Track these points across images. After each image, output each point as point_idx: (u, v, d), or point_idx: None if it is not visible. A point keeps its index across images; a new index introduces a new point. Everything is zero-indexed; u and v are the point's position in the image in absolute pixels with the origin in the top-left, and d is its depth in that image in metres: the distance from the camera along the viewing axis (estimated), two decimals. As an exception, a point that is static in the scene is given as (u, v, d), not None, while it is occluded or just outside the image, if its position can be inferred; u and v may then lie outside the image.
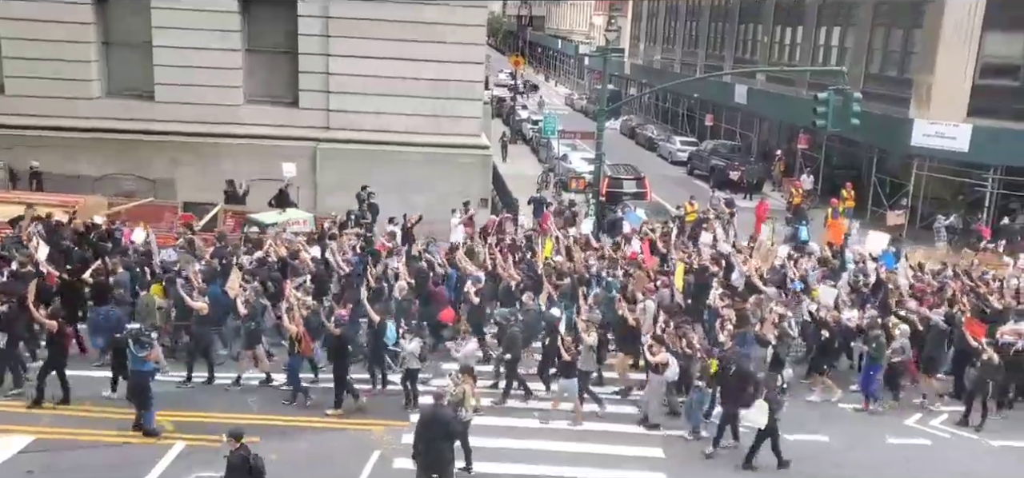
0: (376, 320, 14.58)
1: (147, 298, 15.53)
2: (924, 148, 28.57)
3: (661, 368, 13.82)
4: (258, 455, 10.27)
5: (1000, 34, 28.04)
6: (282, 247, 17.86)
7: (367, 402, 14.39)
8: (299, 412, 14.12)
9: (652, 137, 49.68)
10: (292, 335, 14.09)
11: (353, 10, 24.07)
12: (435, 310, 16.35)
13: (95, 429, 13.13)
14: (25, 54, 23.82)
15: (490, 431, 13.84)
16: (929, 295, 17.64)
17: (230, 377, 15.17)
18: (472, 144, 25.52)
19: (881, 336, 15.16)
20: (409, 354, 14.12)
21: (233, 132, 24.57)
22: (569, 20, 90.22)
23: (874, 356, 15.15)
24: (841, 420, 15.11)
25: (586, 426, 14.22)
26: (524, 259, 19.10)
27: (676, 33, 56.19)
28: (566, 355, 13.92)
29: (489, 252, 18.60)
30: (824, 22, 37.23)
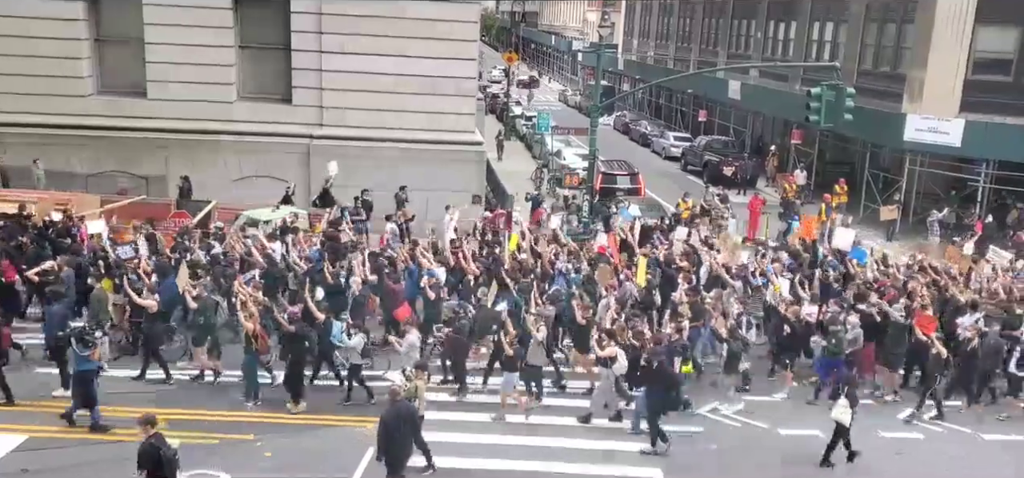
0: (321, 318, 14.46)
1: (99, 293, 15.30)
2: (917, 143, 28.66)
3: (609, 362, 13.83)
4: (170, 445, 10.01)
5: (992, 29, 28.17)
6: (239, 244, 17.66)
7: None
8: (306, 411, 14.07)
9: (646, 133, 49.75)
10: (248, 332, 13.91)
11: (346, 7, 23.99)
12: (391, 306, 16.24)
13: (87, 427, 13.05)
14: (16, 51, 23.64)
15: (486, 428, 13.88)
16: (891, 289, 17.64)
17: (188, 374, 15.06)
18: (466, 141, 25.49)
19: (841, 330, 15.23)
20: (352, 350, 14.13)
21: (226, 129, 24.49)
22: (562, 16, 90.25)
23: (833, 350, 15.21)
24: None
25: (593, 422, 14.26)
26: (488, 253, 19.05)
27: (669, 29, 56.25)
28: (508, 349, 13.95)
29: (450, 247, 18.56)
30: (817, 18, 37.33)
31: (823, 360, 15.52)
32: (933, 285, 18.24)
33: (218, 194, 23.28)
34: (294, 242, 18.55)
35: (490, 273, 17.32)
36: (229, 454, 12.57)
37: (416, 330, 14.66)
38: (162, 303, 15.03)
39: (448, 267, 17.89)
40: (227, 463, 12.29)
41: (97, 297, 15.27)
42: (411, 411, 11.51)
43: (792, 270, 18.89)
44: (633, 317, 15.26)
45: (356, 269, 16.83)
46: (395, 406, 11.29)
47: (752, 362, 16.05)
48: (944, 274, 19.12)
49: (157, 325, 14.99)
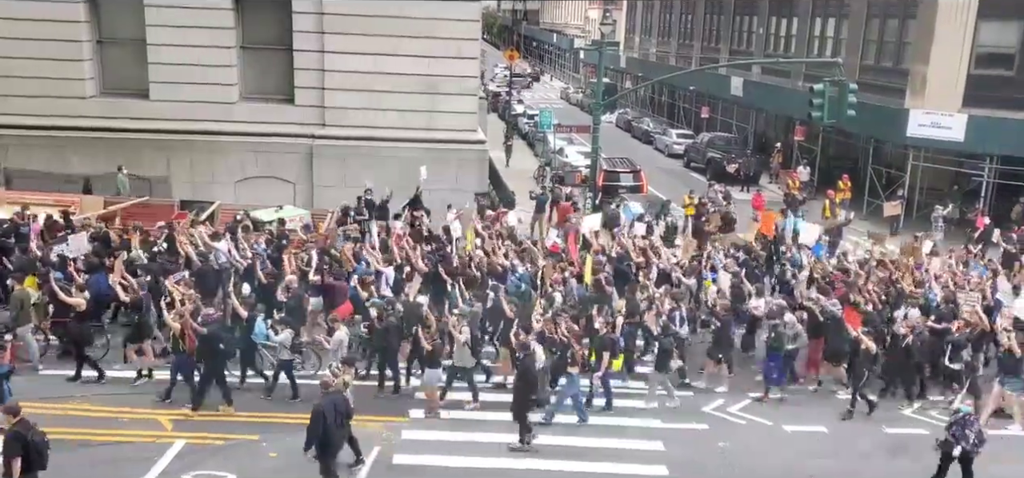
0: (243, 314, 14.36)
1: (20, 292, 14.81)
2: (920, 138, 28.60)
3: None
4: (38, 430, 9.90)
5: (994, 23, 28.09)
6: (187, 242, 17.44)
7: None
8: (301, 409, 14.01)
9: (648, 130, 49.69)
10: (174, 331, 13.71)
11: (348, 6, 23.97)
12: (334, 303, 16.12)
13: (89, 428, 13.06)
14: (18, 53, 23.63)
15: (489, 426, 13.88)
16: (839, 285, 17.59)
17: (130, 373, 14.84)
18: (468, 139, 25.47)
19: (780, 325, 15.23)
20: (280, 345, 14.06)
21: (228, 129, 24.46)
22: (564, 14, 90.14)
23: (774, 345, 15.22)
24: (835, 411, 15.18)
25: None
26: (435, 251, 19.01)
27: (671, 26, 56.18)
28: (426, 345, 13.93)
29: (397, 243, 18.50)
30: (818, 13, 37.26)
31: (767, 356, 15.52)
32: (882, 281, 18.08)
33: (220, 195, 23.29)
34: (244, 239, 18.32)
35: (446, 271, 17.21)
36: (234, 454, 12.56)
37: (344, 327, 14.49)
38: (90, 301, 14.72)
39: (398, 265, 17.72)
40: (232, 463, 12.28)
41: (17, 297, 14.73)
42: (344, 401, 11.58)
43: (744, 266, 18.86)
44: (562, 313, 15.21)
45: (287, 266, 16.67)
46: (329, 396, 11.31)
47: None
48: (901, 268, 19.05)
49: (86, 325, 14.70)
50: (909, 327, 15.22)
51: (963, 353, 14.88)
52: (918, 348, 15.17)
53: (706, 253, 19.94)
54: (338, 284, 16.40)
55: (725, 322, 15.95)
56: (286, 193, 24.22)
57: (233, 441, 12.93)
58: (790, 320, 15.45)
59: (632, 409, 14.87)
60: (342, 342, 14.07)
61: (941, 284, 18.39)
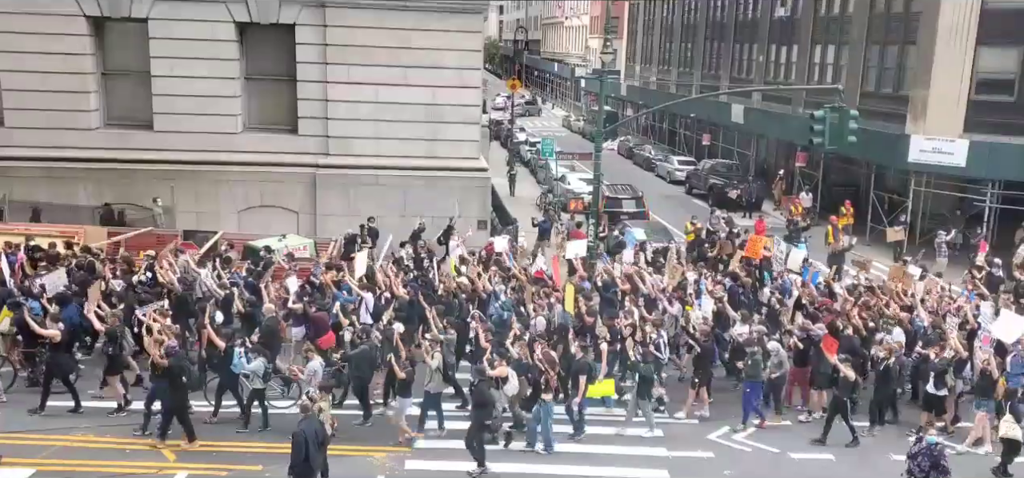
0: (220, 345, 14.28)
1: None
2: (921, 164, 28.64)
3: (500, 382, 13.70)
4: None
5: (993, 49, 28.19)
6: (168, 271, 17.41)
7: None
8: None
9: (650, 157, 49.85)
10: (154, 360, 13.61)
11: (351, 37, 24.19)
12: (317, 333, 16.04)
13: (96, 459, 13.01)
14: (24, 86, 23.85)
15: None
16: (825, 312, 17.54)
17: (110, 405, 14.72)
18: (470, 167, 25.57)
19: (757, 353, 15.16)
20: (252, 374, 13.97)
21: (232, 160, 24.57)
22: (565, 43, 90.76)
23: (750, 373, 15.13)
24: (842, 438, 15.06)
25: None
26: (417, 277, 19.00)
27: (671, 54, 56.58)
28: (400, 373, 13.87)
29: (381, 271, 18.46)
30: (818, 40, 37.49)
31: (745, 383, 15.43)
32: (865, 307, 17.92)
33: (225, 225, 23.35)
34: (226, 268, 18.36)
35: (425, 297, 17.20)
36: (237, 485, 12.50)
37: (318, 357, 14.40)
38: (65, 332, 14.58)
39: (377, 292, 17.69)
40: (235, 495, 12.23)
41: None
42: (322, 427, 11.56)
43: (732, 292, 18.84)
44: (538, 339, 15.20)
45: (265, 295, 16.63)
46: (307, 421, 11.27)
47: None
48: (891, 294, 18.98)
49: (62, 355, 14.58)
50: (888, 350, 15.08)
51: (946, 378, 14.76)
52: (897, 373, 15.01)
53: (694, 279, 19.96)
54: (319, 314, 16.32)
55: (705, 348, 15.89)
56: (290, 222, 24.29)
57: (236, 472, 12.87)
58: (774, 348, 15.38)
59: (637, 437, 14.79)
60: (315, 372, 13.93)
61: (927, 309, 18.28)
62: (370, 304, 17.00)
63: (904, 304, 18.29)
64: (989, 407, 14.31)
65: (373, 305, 17.07)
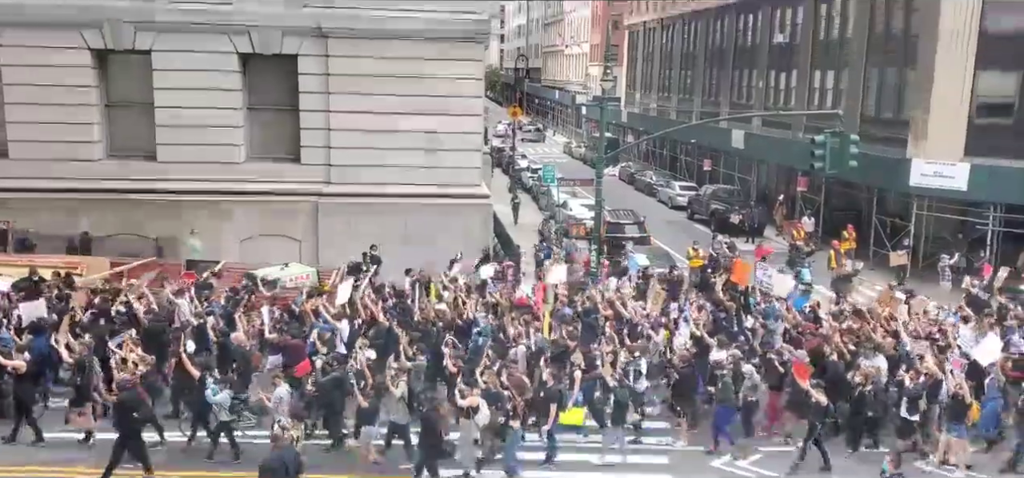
0: (195, 374, 14.13)
1: None
2: (923, 188, 28.67)
3: (471, 412, 13.53)
4: None
5: (993, 73, 28.33)
6: (135, 301, 17.23)
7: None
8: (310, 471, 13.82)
9: (651, 183, 49.97)
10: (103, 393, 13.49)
11: (353, 66, 24.35)
12: (292, 362, 15.80)
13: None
14: (28, 118, 23.99)
15: None
16: (809, 336, 17.43)
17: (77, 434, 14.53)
18: (473, 194, 25.62)
19: (727, 376, 15.10)
20: (218, 406, 13.78)
21: (235, 189, 24.64)
22: (565, 71, 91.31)
23: (721, 398, 15.07)
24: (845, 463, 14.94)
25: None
26: (396, 304, 18.91)
27: (671, 81, 56.89)
28: (362, 401, 13.73)
29: (361, 298, 18.33)
30: (818, 66, 37.68)
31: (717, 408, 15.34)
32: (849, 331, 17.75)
33: (227, 254, 23.36)
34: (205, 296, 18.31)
35: (401, 324, 17.12)
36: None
37: (285, 384, 14.21)
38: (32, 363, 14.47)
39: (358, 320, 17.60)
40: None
41: None
42: (295, 456, 11.43)
43: (715, 318, 18.81)
44: (510, 365, 15.10)
45: (239, 324, 16.54)
46: (279, 451, 11.12)
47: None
48: (877, 318, 18.82)
49: (26, 386, 14.39)
50: (863, 375, 14.93)
51: (920, 403, 14.61)
52: (874, 399, 14.86)
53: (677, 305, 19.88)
54: (294, 343, 16.17)
55: (684, 374, 15.81)
56: (292, 251, 24.29)
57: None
58: (748, 371, 15.31)
59: (643, 465, 14.67)
60: (282, 399, 13.76)
61: (911, 333, 18.10)
62: (345, 333, 16.80)
63: (889, 329, 18.18)
64: (960, 432, 14.21)
65: (348, 333, 16.88)
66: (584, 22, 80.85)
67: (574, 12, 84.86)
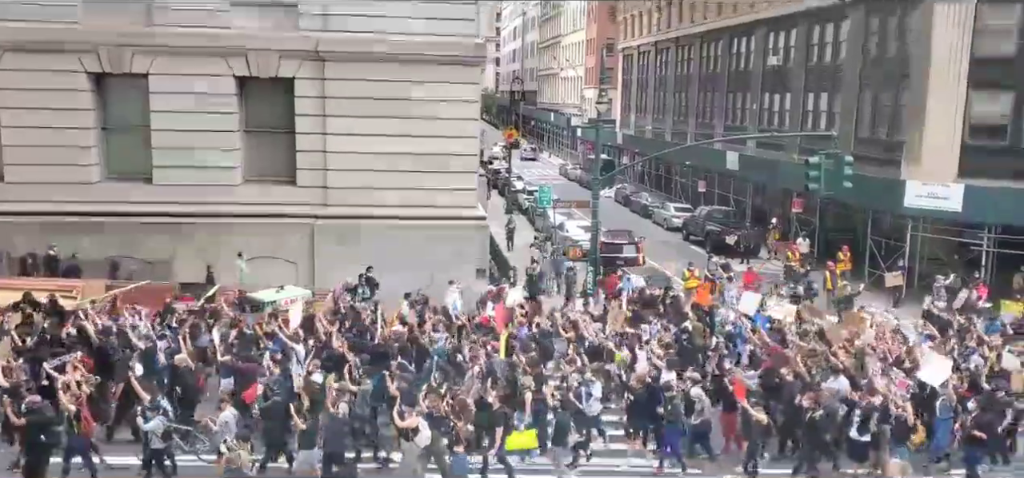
0: (145, 397, 13.97)
1: None
2: (917, 209, 28.77)
3: (411, 433, 13.42)
4: None
5: (985, 93, 28.54)
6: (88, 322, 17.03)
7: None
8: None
9: (646, 204, 50.06)
10: (68, 414, 13.28)
11: (349, 89, 24.45)
12: (243, 385, 15.68)
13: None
14: (25, 141, 24.01)
15: None
16: (767, 357, 17.45)
17: None
18: (469, 215, 25.65)
19: (677, 398, 15.14)
20: (151, 433, 13.46)
21: (231, 211, 24.66)
22: (561, 93, 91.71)
23: (669, 419, 15.06)
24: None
25: None
26: (352, 327, 18.83)
27: (665, 103, 57.17)
28: (299, 423, 13.55)
29: (319, 320, 18.28)
30: (811, 88, 37.92)
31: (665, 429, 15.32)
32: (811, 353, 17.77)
33: (224, 276, 23.33)
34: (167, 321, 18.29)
35: (354, 347, 17.06)
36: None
37: (230, 408, 14.07)
38: None
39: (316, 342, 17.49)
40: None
41: None
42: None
43: (680, 340, 18.87)
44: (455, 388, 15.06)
45: (183, 346, 16.42)
46: (236, 473, 10.94)
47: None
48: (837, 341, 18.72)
49: None
50: (812, 399, 14.83)
51: (870, 424, 14.55)
52: (823, 421, 14.73)
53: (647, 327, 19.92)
54: (247, 366, 16.05)
55: (638, 396, 15.82)
56: (289, 273, 24.28)
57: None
58: (697, 394, 15.30)
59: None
60: (227, 422, 13.65)
61: (879, 354, 18.01)
62: (301, 355, 16.69)
63: (850, 350, 18.13)
64: (902, 453, 14.16)
65: (305, 356, 16.75)
66: (579, 46, 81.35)
67: (569, 36, 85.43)
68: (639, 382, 15.92)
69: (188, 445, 14.70)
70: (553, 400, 14.94)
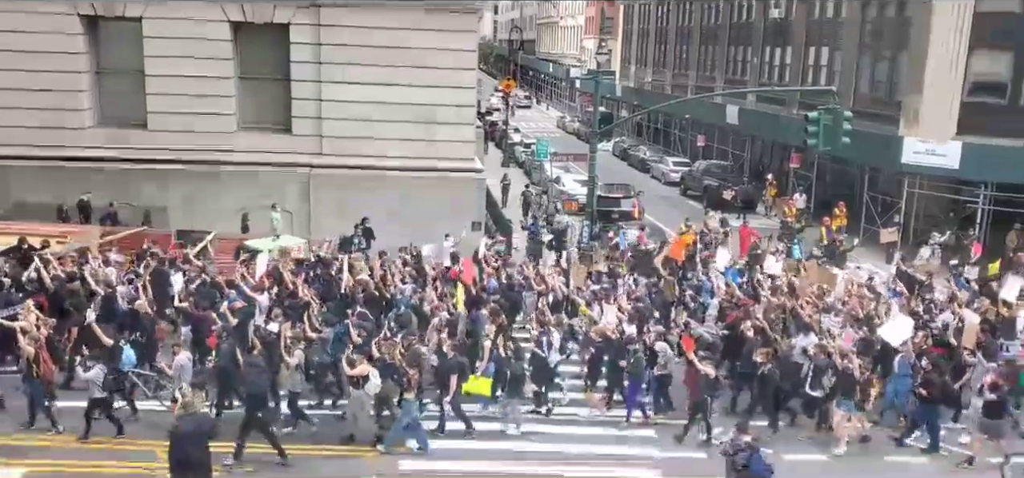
0: (107, 342, 14.06)
1: None
2: (915, 166, 28.73)
3: (361, 381, 13.59)
4: None
5: (985, 52, 28.34)
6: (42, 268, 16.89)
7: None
8: (294, 441, 13.87)
9: (645, 158, 49.91)
10: (28, 357, 13.27)
11: (345, 36, 24.18)
12: (202, 333, 15.80)
13: (91, 460, 12.95)
14: (17, 84, 23.78)
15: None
16: (731, 310, 17.59)
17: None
18: (465, 168, 25.56)
19: (639, 352, 15.29)
20: (91, 382, 13.29)
21: (226, 159, 24.56)
22: (560, 44, 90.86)
23: (632, 372, 15.22)
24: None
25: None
26: (319, 277, 18.86)
27: (666, 56, 56.67)
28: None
29: (284, 268, 18.20)
30: (812, 43, 37.61)
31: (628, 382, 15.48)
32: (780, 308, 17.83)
33: (218, 224, 23.29)
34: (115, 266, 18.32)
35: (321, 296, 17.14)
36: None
37: (185, 352, 14.13)
38: None
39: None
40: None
41: None
42: (209, 422, 11.57)
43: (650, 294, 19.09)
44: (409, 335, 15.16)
45: (141, 294, 16.32)
46: (192, 417, 11.16)
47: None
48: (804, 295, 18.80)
49: None
50: (764, 355, 14.97)
51: (823, 379, 14.72)
52: (776, 376, 14.89)
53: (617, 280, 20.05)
54: (205, 314, 16.02)
55: (598, 349, 16.00)
56: (284, 222, 24.26)
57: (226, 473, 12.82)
58: (661, 348, 15.44)
59: (632, 437, 14.80)
60: (183, 367, 13.69)
61: (848, 310, 18.17)
62: (263, 305, 16.67)
63: (821, 306, 18.23)
64: (848, 406, 14.40)
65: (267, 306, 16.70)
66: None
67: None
68: (598, 335, 16.18)
69: (151, 391, 14.79)
70: (506, 351, 15.03)
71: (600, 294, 18.84)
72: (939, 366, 14.87)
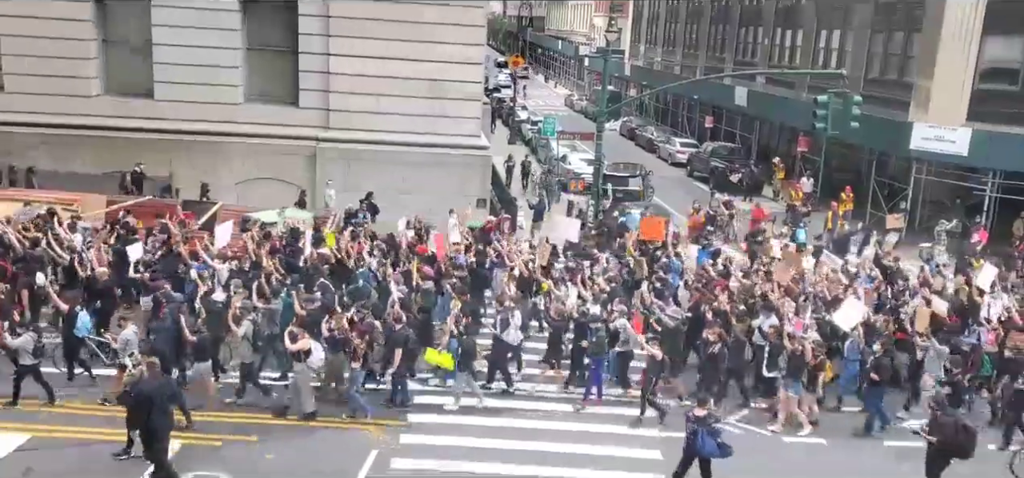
0: (64, 307, 14.05)
1: None
2: (923, 152, 28.57)
3: (303, 355, 13.66)
4: None
5: (999, 38, 28.05)
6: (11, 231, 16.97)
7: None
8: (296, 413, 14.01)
9: (652, 138, 49.74)
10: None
11: (354, 10, 24.07)
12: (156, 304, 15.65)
13: (89, 427, 13.08)
14: (24, 51, 23.78)
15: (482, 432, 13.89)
16: (696, 292, 17.64)
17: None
18: (471, 144, 25.51)
19: (602, 331, 15.37)
20: (21, 349, 13.29)
21: (233, 131, 24.54)
22: (569, 21, 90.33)
23: (594, 351, 15.26)
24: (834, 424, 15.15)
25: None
26: (288, 249, 18.78)
27: (676, 36, 56.32)
28: (189, 337, 13.83)
29: (248, 240, 18.16)
30: (824, 25, 37.31)
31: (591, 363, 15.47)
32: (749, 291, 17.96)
33: (224, 196, 23.34)
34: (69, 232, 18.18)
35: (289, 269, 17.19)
36: (231, 456, 12.59)
37: (132, 326, 14.03)
38: None
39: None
40: (229, 465, 12.31)
41: None
42: (170, 384, 11.73)
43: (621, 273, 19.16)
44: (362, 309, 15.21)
45: (94, 259, 16.34)
46: (156, 379, 11.27)
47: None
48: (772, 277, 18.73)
49: None
50: (716, 335, 15.01)
51: (779, 360, 14.79)
52: (725, 356, 14.95)
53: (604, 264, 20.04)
54: (155, 284, 15.83)
55: (557, 328, 16.14)
56: (290, 195, 24.25)
57: (231, 442, 12.96)
58: (622, 325, 15.46)
59: (630, 417, 14.87)
60: (128, 340, 13.66)
61: (816, 293, 18.26)
62: (223, 275, 16.64)
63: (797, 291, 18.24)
64: (796, 389, 14.50)
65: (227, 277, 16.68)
66: (590, -28, 79.82)
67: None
68: (557, 314, 16.28)
69: (108, 358, 14.82)
70: (457, 327, 15.06)
71: (565, 273, 18.87)
72: (891, 351, 14.92)
